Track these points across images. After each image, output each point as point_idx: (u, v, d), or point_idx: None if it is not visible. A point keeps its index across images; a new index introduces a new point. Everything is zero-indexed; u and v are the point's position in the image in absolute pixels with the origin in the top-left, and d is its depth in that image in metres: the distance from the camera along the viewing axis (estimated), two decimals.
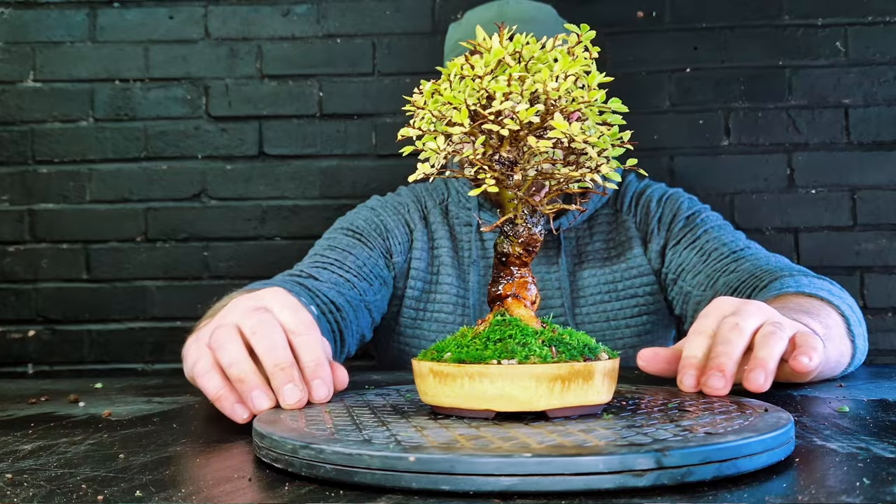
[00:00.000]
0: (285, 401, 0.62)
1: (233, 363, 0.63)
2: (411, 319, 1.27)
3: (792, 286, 0.97)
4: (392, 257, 1.25)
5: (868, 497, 0.40)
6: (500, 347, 0.57)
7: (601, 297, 1.25)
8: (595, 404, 0.57)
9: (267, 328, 0.64)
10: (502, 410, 0.55)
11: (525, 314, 0.61)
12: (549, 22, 1.23)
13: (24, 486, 0.47)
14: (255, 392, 0.62)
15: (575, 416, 0.56)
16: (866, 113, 1.69)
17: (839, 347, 0.89)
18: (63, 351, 1.76)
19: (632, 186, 1.33)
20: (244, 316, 0.66)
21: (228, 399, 0.64)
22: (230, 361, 0.63)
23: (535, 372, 0.54)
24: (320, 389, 0.64)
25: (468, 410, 0.56)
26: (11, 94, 1.77)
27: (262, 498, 0.44)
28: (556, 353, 0.56)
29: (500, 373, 0.54)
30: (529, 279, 0.62)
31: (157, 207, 1.76)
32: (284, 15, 1.77)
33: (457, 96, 0.59)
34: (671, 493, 0.42)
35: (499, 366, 0.55)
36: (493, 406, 0.55)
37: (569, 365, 0.55)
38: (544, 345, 0.57)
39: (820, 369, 0.85)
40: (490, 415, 0.56)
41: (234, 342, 0.64)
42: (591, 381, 0.56)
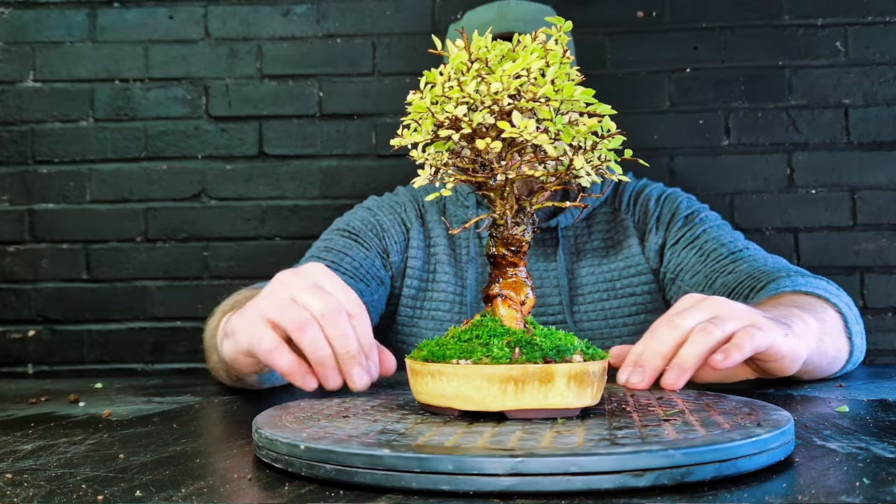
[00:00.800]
0: (354, 383, 0.68)
1: (317, 348, 0.68)
2: (408, 318, 1.27)
3: (789, 286, 0.98)
4: (389, 257, 1.25)
5: (868, 497, 0.40)
6: (462, 347, 0.57)
7: (599, 295, 1.26)
8: (559, 408, 0.55)
9: (336, 315, 0.69)
10: (461, 409, 0.56)
11: (508, 314, 0.61)
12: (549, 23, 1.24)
13: (24, 486, 0.47)
14: (331, 373, 0.68)
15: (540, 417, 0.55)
16: (866, 113, 1.69)
17: (836, 343, 0.90)
18: (63, 351, 1.76)
19: (630, 185, 1.33)
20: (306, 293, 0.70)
21: (300, 372, 0.69)
22: (313, 347, 0.68)
23: (485, 372, 0.55)
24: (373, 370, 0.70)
25: (435, 407, 0.58)
26: (11, 94, 1.77)
27: (262, 498, 0.44)
28: (519, 354, 0.56)
29: (454, 372, 0.55)
30: (524, 279, 0.62)
31: (157, 207, 1.76)
32: (284, 15, 1.77)
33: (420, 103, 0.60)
34: (671, 493, 0.42)
35: (455, 365, 0.56)
36: (453, 404, 0.56)
37: (522, 367, 0.54)
38: (509, 346, 0.56)
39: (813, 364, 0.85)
40: (454, 413, 0.57)
41: (313, 327, 0.68)
42: (552, 384, 0.55)
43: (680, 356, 0.71)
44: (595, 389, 0.57)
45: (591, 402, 0.57)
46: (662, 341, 0.73)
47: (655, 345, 0.73)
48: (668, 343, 0.72)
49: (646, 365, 0.71)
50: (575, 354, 0.57)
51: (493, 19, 1.21)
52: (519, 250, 0.62)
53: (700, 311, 0.75)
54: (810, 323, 0.84)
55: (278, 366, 0.69)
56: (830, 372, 0.92)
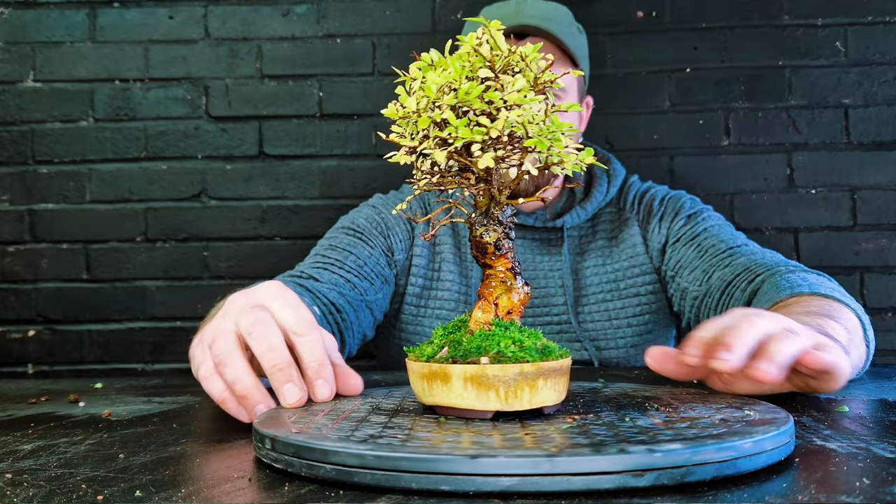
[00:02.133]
0: (285, 400, 0.62)
1: (236, 381, 0.64)
2: (412, 316, 1.27)
3: (803, 286, 0.93)
4: (393, 255, 1.25)
5: (868, 497, 0.40)
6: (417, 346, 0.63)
7: (603, 295, 1.26)
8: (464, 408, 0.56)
9: (263, 328, 0.64)
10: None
11: (478, 317, 0.61)
12: (564, 22, 1.24)
13: (24, 486, 0.47)
14: (258, 407, 0.63)
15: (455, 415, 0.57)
16: (866, 113, 1.69)
17: (859, 351, 0.86)
18: (63, 351, 1.76)
19: (634, 186, 1.33)
20: (241, 315, 0.66)
21: (232, 402, 0.65)
22: (233, 379, 0.64)
23: (412, 368, 0.61)
24: (322, 389, 0.64)
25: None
26: (11, 94, 1.77)
27: (262, 498, 0.44)
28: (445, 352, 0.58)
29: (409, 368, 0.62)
30: (501, 280, 0.62)
31: (157, 207, 1.76)
32: (284, 15, 1.77)
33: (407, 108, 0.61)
34: (671, 493, 0.42)
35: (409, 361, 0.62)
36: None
37: (428, 365, 0.58)
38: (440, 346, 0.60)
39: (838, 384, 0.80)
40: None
41: (234, 356, 0.64)
42: (451, 384, 0.56)
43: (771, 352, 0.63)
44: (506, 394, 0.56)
45: (500, 405, 0.56)
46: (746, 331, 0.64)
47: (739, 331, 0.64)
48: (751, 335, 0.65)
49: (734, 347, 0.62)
50: (484, 357, 0.57)
51: (508, 15, 1.21)
52: (488, 254, 0.62)
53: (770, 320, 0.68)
54: (843, 337, 0.79)
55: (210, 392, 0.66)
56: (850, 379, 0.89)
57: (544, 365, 0.56)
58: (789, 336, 0.66)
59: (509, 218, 0.63)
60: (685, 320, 1.22)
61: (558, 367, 0.58)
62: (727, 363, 0.62)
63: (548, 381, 0.57)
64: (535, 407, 0.57)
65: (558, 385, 0.58)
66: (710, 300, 1.13)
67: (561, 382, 0.58)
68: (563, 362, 0.58)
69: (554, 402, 0.58)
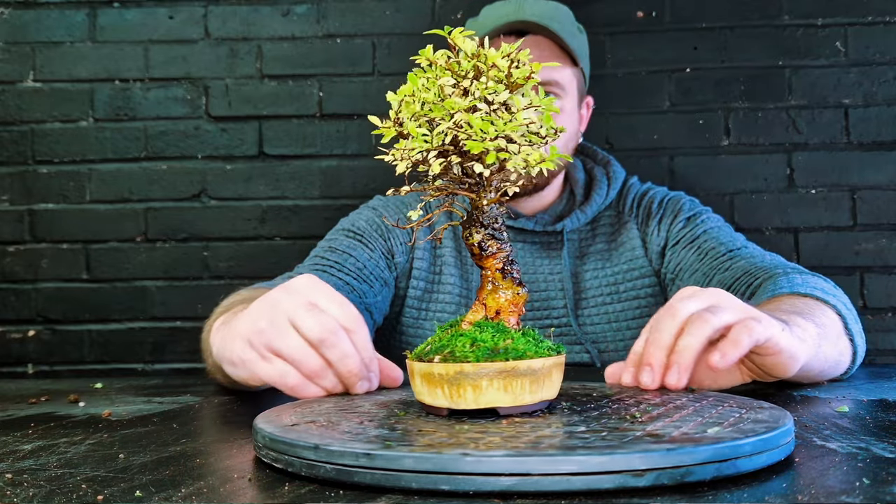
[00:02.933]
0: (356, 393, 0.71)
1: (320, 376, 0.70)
2: (413, 319, 1.27)
3: (785, 287, 0.95)
4: (394, 257, 1.25)
5: (868, 497, 0.40)
6: None
7: (603, 298, 1.25)
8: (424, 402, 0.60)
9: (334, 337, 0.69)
10: None
11: (467, 317, 0.63)
12: (565, 21, 1.24)
13: (24, 486, 0.47)
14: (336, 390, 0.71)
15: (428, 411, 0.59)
16: (866, 113, 1.69)
17: (837, 346, 0.87)
18: (63, 351, 1.76)
19: (634, 188, 1.33)
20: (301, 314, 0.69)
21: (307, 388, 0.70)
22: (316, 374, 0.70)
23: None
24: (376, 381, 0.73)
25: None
26: (11, 94, 1.77)
27: (262, 498, 0.44)
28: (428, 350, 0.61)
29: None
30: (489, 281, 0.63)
31: (157, 207, 1.76)
32: (284, 15, 1.77)
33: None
34: (671, 493, 0.42)
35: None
36: None
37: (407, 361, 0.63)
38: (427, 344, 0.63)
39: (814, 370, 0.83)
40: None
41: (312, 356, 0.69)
42: (413, 380, 0.61)
43: (678, 351, 0.68)
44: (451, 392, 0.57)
45: (448, 403, 0.58)
46: (663, 332, 0.70)
47: (657, 336, 0.70)
48: (670, 332, 0.70)
49: (653, 363, 0.69)
50: (437, 356, 0.58)
51: (509, 13, 1.21)
52: (473, 254, 0.63)
53: (698, 299, 0.73)
54: (808, 328, 0.81)
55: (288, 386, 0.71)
56: (834, 375, 0.90)
57: (485, 366, 0.56)
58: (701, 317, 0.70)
59: (493, 219, 0.63)
60: None
61: (506, 368, 0.56)
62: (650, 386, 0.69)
63: (493, 382, 0.56)
64: (483, 407, 0.56)
65: (514, 387, 0.56)
66: None
67: (517, 384, 0.56)
68: (513, 364, 0.56)
69: (508, 405, 0.56)
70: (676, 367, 0.68)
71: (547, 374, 0.58)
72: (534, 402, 0.58)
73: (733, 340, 0.69)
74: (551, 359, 0.58)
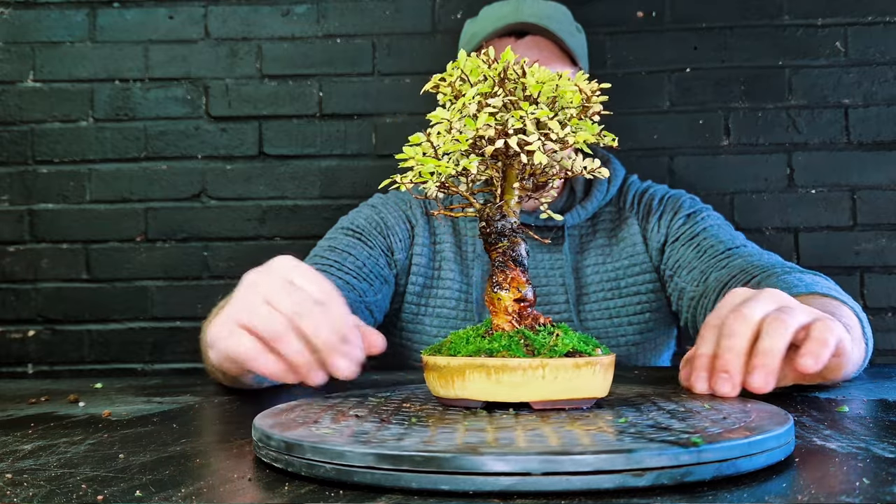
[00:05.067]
0: (337, 373, 0.65)
1: (296, 353, 0.66)
2: (412, 315, 1.26)
3: (800, 286, 0.94)
4: (393, 255, 1.25)
5: (868, 497, 0.40)
6: None
7: (604, 294, 1.26)
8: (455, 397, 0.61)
9: (306, 307, 0.66)
10: None
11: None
12: (564, 21, 1.24)
13: (24, 486, 0.47)
14: (312, 372, 0.66)
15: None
16: (866, 113, 1.69)
17: (859, 348, 0.85)
18: (63, 351, 1.76)
19: (634, 185, 1.33)
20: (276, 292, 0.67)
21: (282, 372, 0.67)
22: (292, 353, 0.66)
23: None
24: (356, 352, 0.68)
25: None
26: (11, 94, 1.77)
27: (262, 498, 0.44)
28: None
29: None
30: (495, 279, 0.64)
31: (157, 207, 1.76)
32: (284, 15, 1.77)
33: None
34: (671, 493, 0.42)
35: None
36: None
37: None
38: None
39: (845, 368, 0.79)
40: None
41: (289, 334, 0.66)
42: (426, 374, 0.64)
43: (763, 353, 0.65)
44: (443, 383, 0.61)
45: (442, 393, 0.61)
46: (739, 336, 0.66)
47: (732, 342, 0.66)
48: (746, 337, 0.66)
49: (731, 370, 0.65)
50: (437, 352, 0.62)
51: (508, 13, 1.21)
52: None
53: (763, 301, 0.69)
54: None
55: (263, 372, 0.68)
56: (849, 376, 0.89)
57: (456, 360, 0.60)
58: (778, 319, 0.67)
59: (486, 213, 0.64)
60: (683, 320, 1.22)
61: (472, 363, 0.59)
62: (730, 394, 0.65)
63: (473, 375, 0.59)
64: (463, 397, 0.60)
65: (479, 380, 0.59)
66: (706, 301, 1.13)
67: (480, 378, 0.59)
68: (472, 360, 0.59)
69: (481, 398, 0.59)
70: (763, 370, 0.65)
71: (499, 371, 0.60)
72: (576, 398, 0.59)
73: (820, 341, 0.66)
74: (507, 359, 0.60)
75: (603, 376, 0.60)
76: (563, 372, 0.57)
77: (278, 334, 0.65)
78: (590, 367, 0.58)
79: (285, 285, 0.68)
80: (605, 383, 0.61)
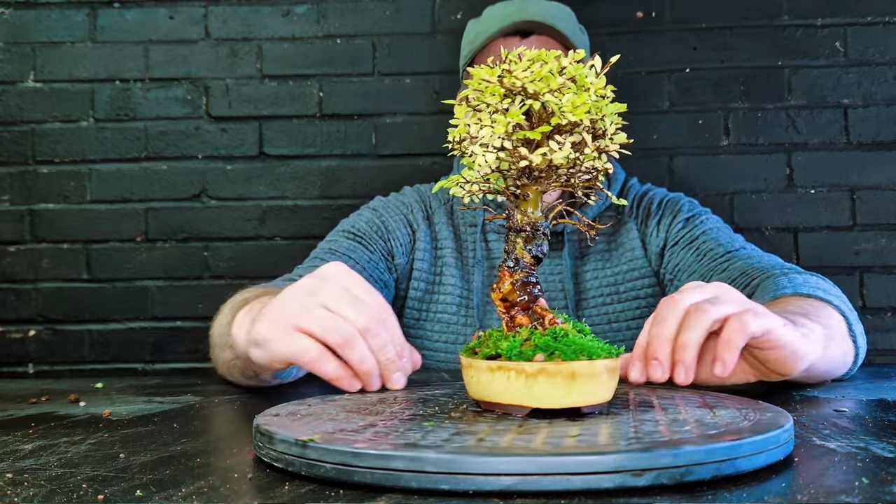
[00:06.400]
0: (394, 385, 0.73)
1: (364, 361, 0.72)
2: (414, 320, 1.26)
3: (788, 287, 0.95)
4: (394, 259, 1.25)
5: (867, 497, 0.40)
6: None
7: (603, 299, 1.25)
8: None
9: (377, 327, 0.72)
10: None
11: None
12: (568, 21, 1.24)
13: (24, 486, 0.47)
14: (375, 380, 0.73)
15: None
16: (866, 113, 1.69)
17: (842, 347, 0.87)
18: (63, 351, 1.76)
19: (633, 190, 1.33)
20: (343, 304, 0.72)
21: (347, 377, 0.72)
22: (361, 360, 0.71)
23: None
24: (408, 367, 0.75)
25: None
26: (12, 94, 1.77)
27: (262, 498, 0.44)
28: None
29: None
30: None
31: (157, 207, 1.77)
32: (284, 15, 1.77)
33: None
34: (670, 493, 0.42)
35: None
36: None
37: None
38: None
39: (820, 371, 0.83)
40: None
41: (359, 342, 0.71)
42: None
43: (680, 347, 0.68)
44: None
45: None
46: (666, 324, 0.70)
47: (660, 329, 0.69)
48: (673, 323, 0.70)
49: (660, 357, 0.68)
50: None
51: (513, 13, 1.21)
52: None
53: (699, 291, 0.73)
54: (816, 329, 0.80)
55: (326, 374, 0.72)
56: (837, 375, 0.90)
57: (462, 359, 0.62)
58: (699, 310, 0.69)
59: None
60: None
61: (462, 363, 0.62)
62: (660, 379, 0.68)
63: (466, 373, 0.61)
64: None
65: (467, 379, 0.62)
66: None
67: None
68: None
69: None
70: (681, 365, 0.68)
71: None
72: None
73: (726, 342, 0.68)
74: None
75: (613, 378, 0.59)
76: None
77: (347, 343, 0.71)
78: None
79: (345, 294, 0.72)
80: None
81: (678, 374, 0.68)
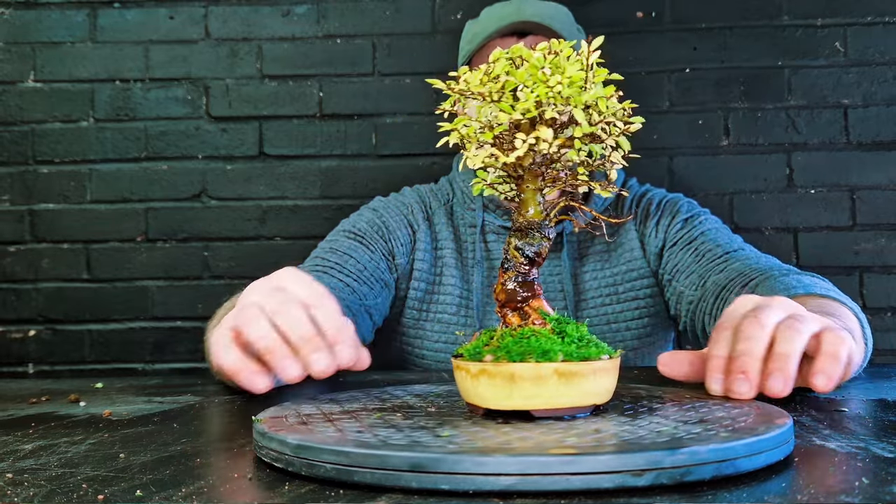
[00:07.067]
0: (313, 369, 0.64)
1: (260, 337, 0.66)
2: (414, 320, 1.26)
3: (798, 288, 0.94)
4: (394, 259, 1.25)
5: (867, 497, 0.40)
6: None
7: (602, 300, 1.25)
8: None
9: (286, 305, 0.66)
10: None
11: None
12: (565, 21, 1.24)
13: (24, 486, 0.47)
14: (285, 361, 0.65)
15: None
16: (865, 113, 1.69)
17: (860, 349, 0.86)
18: (63, 351, 1.76)
19: (632, 190, 1.33)
20: (263, 297, 0.69)
21: (246, 370, 0.67)
22: (258, 336, 0.66)
23: None
24: (343, 352, 0.66)
25: None
26: (12, 94, 1.77)
27: (262, 498, 0.44)
28: None
29: None
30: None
31: (157, 207, 1.77)
32: (284, 15, 1.77)
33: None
34: (670, 493, 0.42)
35: None
36: None
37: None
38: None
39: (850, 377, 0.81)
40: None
41: (258, 319, 0.66)
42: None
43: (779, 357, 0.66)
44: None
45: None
46: (757, 340, 0.67)
47: (750, 346, 0.67)
48: (763, 341, 0.68)
49: (749, 371, 0.66)
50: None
51: (510, 13, 1.21)
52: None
53: (776, 308, 0.71)
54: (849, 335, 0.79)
55: (224, 364, 0.68)
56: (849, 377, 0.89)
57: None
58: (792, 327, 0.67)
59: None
60: (682, 324, 1.21)
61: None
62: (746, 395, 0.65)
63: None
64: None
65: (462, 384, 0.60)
66: (704, 304, 1.13)
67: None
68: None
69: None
70: (781, 374, 0.66)
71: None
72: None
73: (832, 355, 0.67)
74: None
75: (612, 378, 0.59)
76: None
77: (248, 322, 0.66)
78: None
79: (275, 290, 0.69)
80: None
81: (775, 383, 0.66)
